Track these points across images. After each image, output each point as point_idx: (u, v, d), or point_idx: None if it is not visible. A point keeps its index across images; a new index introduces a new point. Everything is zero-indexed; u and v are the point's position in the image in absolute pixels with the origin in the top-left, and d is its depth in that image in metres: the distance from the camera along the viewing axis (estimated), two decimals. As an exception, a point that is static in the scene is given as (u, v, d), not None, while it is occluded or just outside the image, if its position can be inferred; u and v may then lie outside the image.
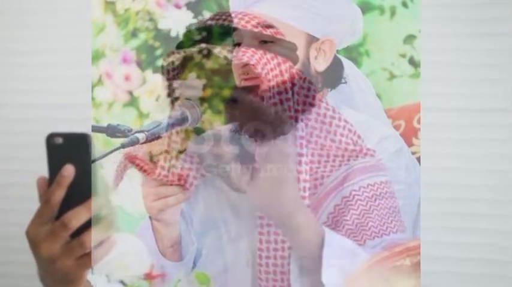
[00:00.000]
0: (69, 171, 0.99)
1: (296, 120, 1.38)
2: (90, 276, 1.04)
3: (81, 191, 0.98)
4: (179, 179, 1.41)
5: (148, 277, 1.31)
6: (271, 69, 1.38)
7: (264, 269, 1.37)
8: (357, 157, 1.40)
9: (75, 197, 0.98)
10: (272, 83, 1.38)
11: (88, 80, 2.40)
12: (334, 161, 1.41)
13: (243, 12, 1.42)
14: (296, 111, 1.39)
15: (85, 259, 0.99)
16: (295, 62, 1.40)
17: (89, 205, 0.98)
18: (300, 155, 1.38)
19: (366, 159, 1.41)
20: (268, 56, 1.39)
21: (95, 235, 0.99)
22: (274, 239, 1.36)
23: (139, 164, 1.40)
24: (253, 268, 1.42)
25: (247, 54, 1.38)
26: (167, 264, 1.43)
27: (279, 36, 1.40)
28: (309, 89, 1.41)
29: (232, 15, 1.47)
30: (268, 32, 1.40)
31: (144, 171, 1.39)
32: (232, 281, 1.45)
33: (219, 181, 1.46)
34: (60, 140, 1.00)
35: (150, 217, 1.43)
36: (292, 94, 1.39)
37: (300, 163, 1.37)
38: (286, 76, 1.39)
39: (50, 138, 1.00)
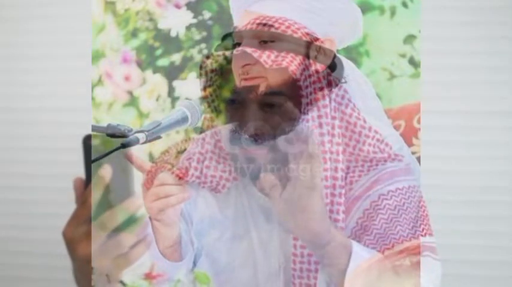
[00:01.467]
0: (106, 172, 0.98)
1: (333, 128, 1.39)
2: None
3: (117, 191, 0.98)
4: (180, 178, 1.40)
5: (148, 277, 1.30)
6: (309, 76, 1.39)
7: (298, 274, 1.37)
8: (385, 161, 1.41)
9: (111, 197, 0.98)
10: (309, 90, 1.39)
11: (88, 81, 2.41)
12: (362, 166, 1.41)
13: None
14: (333, 118, 1.40)
15: (121, 259, 1.00)
16: (304, 56, 1.40)
17: (126, 205, 0.98)
18: (336, 161, 1.39)
19: (394, 163, 1.41)
20: (307, 62, 1.39)
21: (131, 235, 0.99)
22: None
23: (171, 169, 1.39)
24: (285, 271, 1.42)
25: (287, 60, 1.38)
26: (167, 264, 1.43)
27: (281, 32, 1.40)
28: (343, 97, 1.42)
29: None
30: (269, 31, 1.40)
31: (177, 175, 1.39)
32: (263, 284, 1.45)
33: (250, 185, 1.46)
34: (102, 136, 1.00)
35: (150, 217, 1.43)
36: (330, 101, 1.39)
37: (336, 169, 1.38)
38: (324, 83, 1.40)
39: (87, 140, 1.00)
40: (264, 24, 1.40)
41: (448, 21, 2.22)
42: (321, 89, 1.39)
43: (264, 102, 1.38)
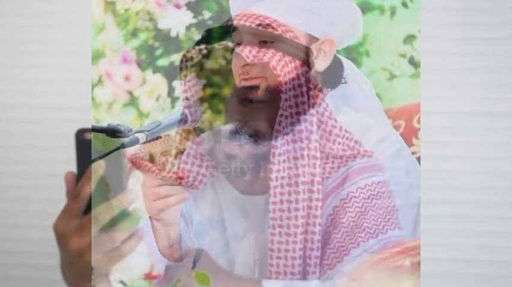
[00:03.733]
0: (99, 167, 0.99)
1: (311, 124, 1.40)
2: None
3: (110, 186, 0.99)
4: (180, 179, 1.41)
5: (148, 277, 1.31)
6: (288, 72, 1.40)
7: (275, 269, 1.38)
8: (355, 158, 1.42)
9: (104, 192, 0.99)
10: (289, 86, 1.39)
11: (88, 81, 2.40)
12: (333, 163, 1.43)
13: (246, 14, 1.43)
14: (311, 115, 1.41)
15: (113, 253, 1.00)
16: (300, 59, 1.41)
17: (119, 200, 0.99)
18: (315, 157, 1.39)
19: (364, 160, 1.42)
20: (287, 58, 1.40)
21: (123, 229, 1.00)
22: (285, 240, 1.37)
23: (147, 166, 1.39)
24: (260, 267, 1.43)
25: (268, 55, 1.39)
26: (167, 264, 1.43)
27: (285, 35, 1.40)
28: (316, 97, 1.42)
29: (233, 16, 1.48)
30: (269, 31, 1.41)
31: (153, 172, 1.39)
32: None
33: (225, 182, 1.47)
34: (89, 136, 1.00)
35: (150, 217, 1.43)
36: (308, 98, 1.40)
37: (314, 165, 1.39)
38: (302, 80, 1.41)
39: (79, 134, 1.00)
40: (265, 25, 1.41)
41: (448, 22, 2.22)
42: (300, 85, 1.41)
43: (246, 98, 1.40)
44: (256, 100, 1.40)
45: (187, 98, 1.45)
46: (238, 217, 1.47)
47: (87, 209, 1.00)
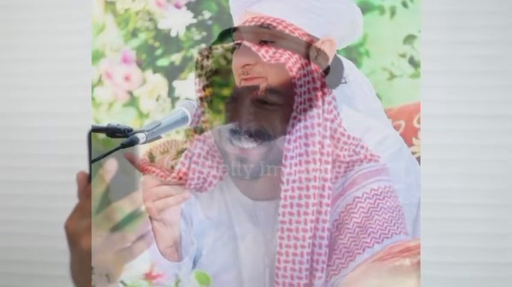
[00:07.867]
0: (112, 165, 0.99)
1: (325, 129, 1.41)
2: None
3: (123, 185, 0.99)
4: (180, 179, 1.41)
5: (149, 277, 1.30)
6: (304, 75, 1.40)
7: (282, 273, 1.38)
8: (361, 162, 1.42)
9: (116, 191, 0.99)
10: (304, 89, 1.39)
11: (88, 81, 2.41)
12: (339, 167, 1.42)
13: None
14: (325, 119, 1.41)
15: (125, 253, 1.00)
16: (302, 56, 1.41)
17: (131, 199, 0.99)
18: (327, 162, 1.40)
19: (370, 164, 1.42)
20: (303, 61, 1.40)
21: (134, 229, 1.00)
22: (294, 243, 1.37)
23: (155, 171, 1.39)
24: (270, 273, 1.43)
25: (285, 56, 1.39)
26: (167, 264, 1.43)
27: (286, 32, 1.40)
28: (329, 103, 1.42)
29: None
30: (269, 31, 1.41)
31: (161, 177, 1.39)
32: (247, 285, 1.46)
33: (234, 187, 1.47)
34: (102, 136, 1.01)
35: (150, 217, 1.43)
36: (322, 103, 1.40)
37: (326, 170, 1.39)
38: (318, 84, 1.41)
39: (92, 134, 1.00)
40: (265, 26, 1.41)
41: (448, 25, 2.22)
42: (315, 89, 1.41)
43: (258, 99, 1.39)
44: (270, 102, 1.40)
45: (200, 98, 1.45)
46: (247, 222, 1.47)
47: (99, 208, 1.00)
